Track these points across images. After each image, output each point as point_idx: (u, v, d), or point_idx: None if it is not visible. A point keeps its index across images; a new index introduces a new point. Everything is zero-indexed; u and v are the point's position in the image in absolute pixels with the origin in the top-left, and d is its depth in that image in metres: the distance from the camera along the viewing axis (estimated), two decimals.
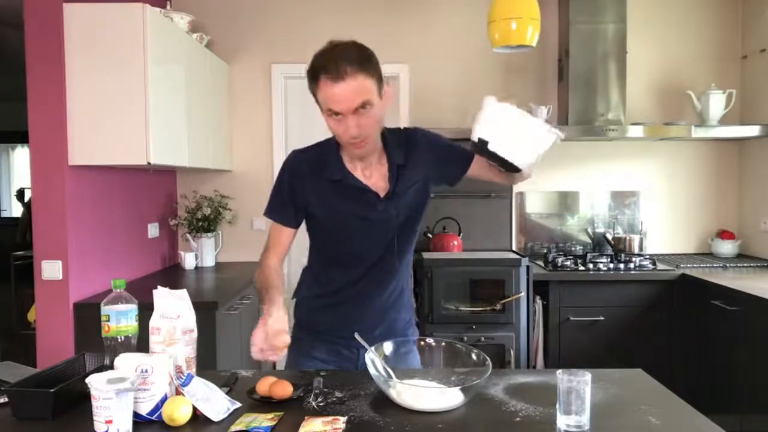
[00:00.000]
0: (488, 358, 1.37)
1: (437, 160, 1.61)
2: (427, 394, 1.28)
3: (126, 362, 1.21)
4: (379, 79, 1.42)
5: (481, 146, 1.39)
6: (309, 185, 1.54)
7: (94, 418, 1.11)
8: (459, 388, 1.28)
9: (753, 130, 3.40)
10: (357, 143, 1.44)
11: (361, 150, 1.47)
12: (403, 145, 1.58)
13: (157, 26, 2.63)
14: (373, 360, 1.37)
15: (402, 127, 1.65)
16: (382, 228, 1.56)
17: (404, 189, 1.56)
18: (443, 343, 1.49)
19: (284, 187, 1.56)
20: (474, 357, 1.42)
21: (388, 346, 1.48)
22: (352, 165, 1.54)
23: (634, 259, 3.35)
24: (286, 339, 1.29)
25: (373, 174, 1.55)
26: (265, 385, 1.31)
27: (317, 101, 1.44)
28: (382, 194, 1.54)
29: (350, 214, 1.54)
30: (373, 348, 1.40)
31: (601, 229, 3.78)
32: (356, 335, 1.45)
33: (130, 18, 2.52)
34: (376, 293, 1.63)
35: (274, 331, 1.29)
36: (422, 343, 1.54)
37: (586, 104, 3.50)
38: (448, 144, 1.65)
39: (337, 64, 1.35)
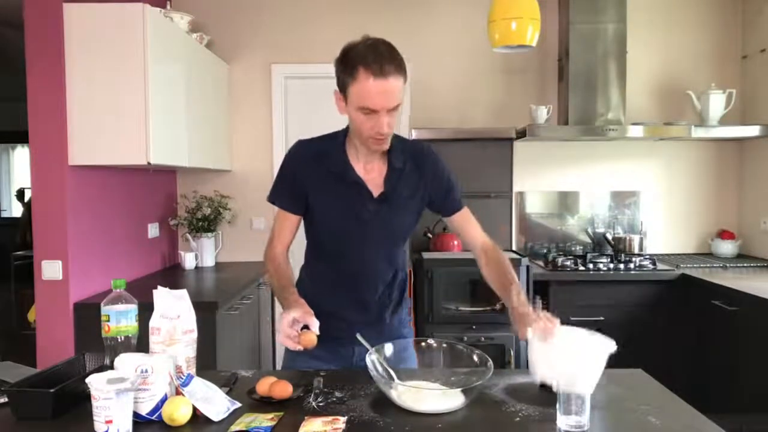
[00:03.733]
0: (490, 359, 1.37)
1: (435, 189, 1.63)
2: (428, 395, 1.28)
3: (126, 362, 1.21)
4: (406, 80, 1.46)
5: (548, 389, 1.32)
6: (309, 176, 1.57)
7: (94, 418, 1.11)
8: (460, 389, 1.28)
9: (753, 130, 3.40)
10: (380, 140, 1.46)
11: (381, 147, 1.49)
12: (408, 155, 1.60)
13: (157, 26, 2.63)
14: (374, 361, 1.37)
15: (412, 140, 1.67)
16: (371, 230, 1.57)
17: (398, 194, 1.57)
18: (444, 344, 1.49)
19: (286, 174, 1.60)
20: (476, 358, 1.42)
21: (389, 348, 1.48)
22: (356, 160, 1.56)
23: (634, 259, 3.35)
24: (314, 340, 1.34)
25: (372, 170, 1.57)
26: (265, 385, 1.32)
27: (344, 92, 1.44)
28: (376, 194, 1.55)
29: (343, 211, 1.56)
30: (373, 349, 1.40)
31: (601, 229, 3.78)
32: (358, 335, 1.46)
33: (130, 18, 2.52)
34: (368, 293, 1.65)
35: (306, 314, 1.36)
36: (423, 344, 1.54)
37: (586, 104, 3.49)
38: (450, 181, 1.65)
39: (381, 62, 1.37)
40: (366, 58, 1.37)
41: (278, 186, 1.62)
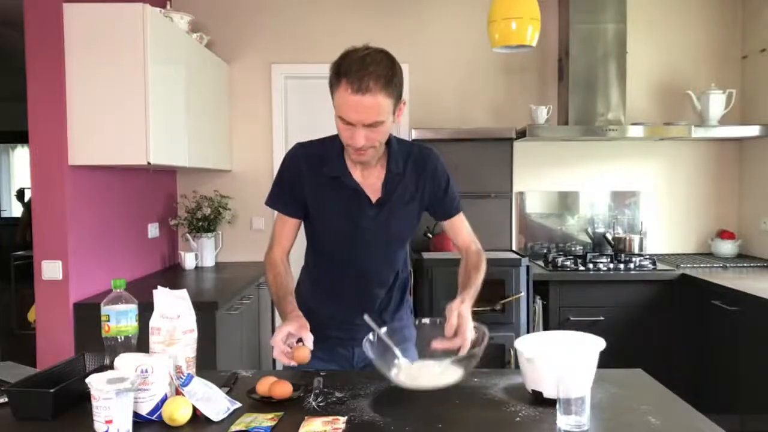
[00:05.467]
0: (486, 330, 1.36)
1: (432, 192, 1.62)
2: (425, 373, 1.29)
3: (126, 362, 1.21)
4: (398, 97, 1.42)
5: (539, 393, 1.31)
6: (306, 180, 1.56)
7: (94, 418, 1.12)
8: (455, 360, 1.28)
9: (753, 130, 3.40)
10: (359, 152, 1.45)
11: (360, 158, 1.48)
12: (408, 159, 1.59)
13: (157, 26, 2.63)
14: (374, 342, 1.37)
15: (416, 143, 1.65)
16: (371, 235, 1.57)
17: (397, 199, 1.57)
18: (438, 321, 1.46)
19: (284, 178, 1.60)
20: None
21: (380, 332, 1.44)
22: (353, 165, 1.55)
23: (634, 259, 3.35)
24: (308, 356, 1.34)
25: (371, 176, 1.56)
26: (265, 385, 1.32)
27: (331, 97, 1.43)
28: (374, 199, 1.55)
29: (342, 216, 1.56)
30: (371, 333, 1.40)
31: (601, 229, 3.78)
32: (365, 317, 1.43)
33: (130, 18, 2.52)
34: (367, 296, 1.65)
35: (301, 328, 1.36)
36: (416, 323, 1.54)
37: (586, 104, 3.49)
38: (449, 186, 1.64)
39: (362, 77, 1.33)
40: (350, 70, 1.34)
41: (276, 190, 1.61)
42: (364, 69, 1.34)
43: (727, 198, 3.82)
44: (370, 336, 1.40)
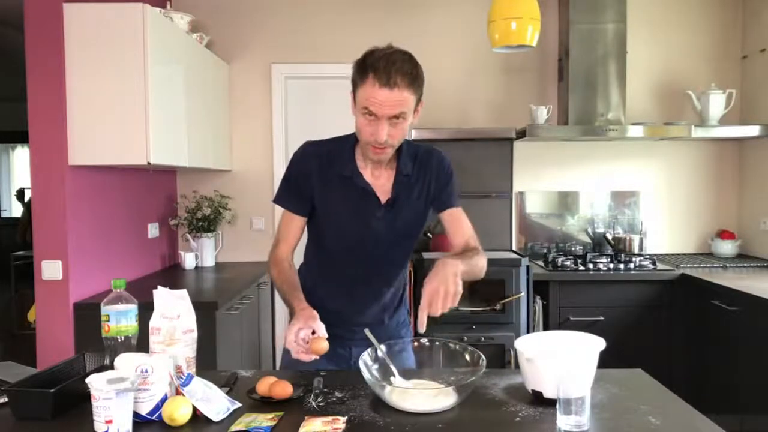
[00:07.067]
0: (483, 357, 1.37)
1: (435, 184, 1.62)
2: (417, 395, 1.28)
3: (126, 362, 1.21)
4: (419, 97, 1.47)
5: (539, 393, 1.31)
6: (316, 178, 1.56)
7: (94, 418, 1.12)
8: (452, 387, 1.28)
9: (753, 130, 3.40)
10: (378, 149, 1.46)
11: (378, 155, 1.49)
12: (415, 161, 1.60)
13: (157, 26, 2.63)
14: (370, 361, 1.37)
15: (421, 145, 1.65)
16: (379, 236, 1.57)
17: (406, 200, 1.57)
18: (437, 343, 1.49)
19: (292, 176, 1.60)
20: (467, 357, 1.42)
21: (384, 348, 1.46)
22: (363, 165, 1.56)
23: (634, 259, 3.35)
24: (326, 345, 1.34)
25: (381, 176, 1.57)
26: (265, 385, 1.32)
27: (354, 96, 1.46)
28: (383, 200, 1.55)
29: (350, 217, 1.56)
30: (368, 350, 1.41)
31: (601, 229, 3.78)
32: (366, 331, 1.44)
33: (130, 18, 2.52)
34: (369, 295, 1.65)
35: (308, 320, 1.37)
36: (416, 343, 1.53)
37: (586, 104, 3.49)
38: (450, 177, 1.64)
39: (390, 71, 1.38)
40: (378, 65, 1.38)
41: (284, 187, 1.61)
42: (392, 65, 1.38)
43: (727, 198, 3.82)
44: (369, 351, 1.40)
